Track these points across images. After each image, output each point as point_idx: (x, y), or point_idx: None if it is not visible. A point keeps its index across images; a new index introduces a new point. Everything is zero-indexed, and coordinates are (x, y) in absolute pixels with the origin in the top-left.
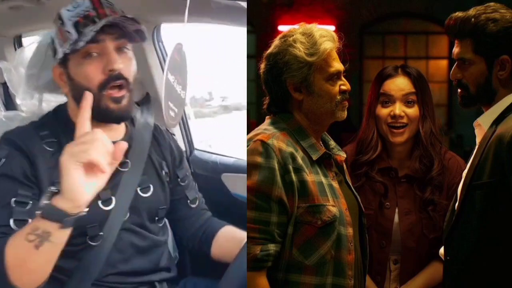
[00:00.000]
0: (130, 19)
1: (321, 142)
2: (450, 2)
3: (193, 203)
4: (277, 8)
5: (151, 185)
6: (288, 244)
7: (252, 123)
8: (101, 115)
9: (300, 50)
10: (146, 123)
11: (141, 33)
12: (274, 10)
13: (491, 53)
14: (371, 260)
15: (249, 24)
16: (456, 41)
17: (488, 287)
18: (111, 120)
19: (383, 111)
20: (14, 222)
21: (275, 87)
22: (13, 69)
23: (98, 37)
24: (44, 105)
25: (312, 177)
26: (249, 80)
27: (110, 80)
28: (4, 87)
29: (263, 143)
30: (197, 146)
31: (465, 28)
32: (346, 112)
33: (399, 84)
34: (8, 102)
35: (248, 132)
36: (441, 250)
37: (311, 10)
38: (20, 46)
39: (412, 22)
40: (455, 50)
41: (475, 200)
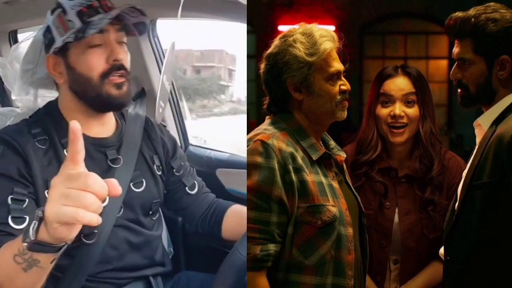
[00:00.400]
0: (137, 11)
1: (321, 142)
2: (450, 2)
3: (192, 189)
4: (277, 8)
5: (143, 180)
6: (288, 244)
7: (252, 123)
8: (102, 103)
9: (300, 50)
10: (137, 117)
11: (141, 27)
12: (274, 10)
13: (491, 53)
14: (371, 260)
15: (249, 24)
16: (456, 41)
17: (488, 287)
18: (113, 107)
19: (383, 111)
20: (11, 219)
21: (275, 87)
22: (8, 64)
23: (106, 27)
24: (40, 101)
25: (312, 177)
26: (249, 80)
27: (113, 70)
28: None
29: (263, 143)
30: (192, 142)
31: (465, 28)
32: (346, 112)
33: (399, 84)
34: (3, 98)
35: (248, 132)
36: (441, 250)
37: (311, 10)
38: (16, 41)
39: (412, 22)
40: (455, 50)
41: (475, 200)
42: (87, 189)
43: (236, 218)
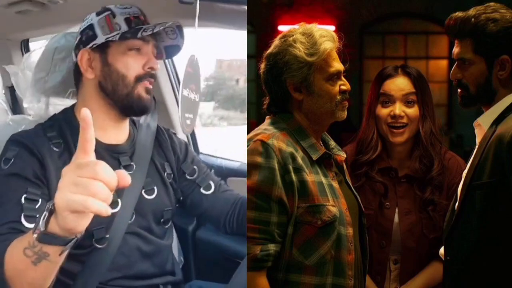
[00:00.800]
0: (178, 32)
1: (321, 142)
2: (450, 2)
3: (207, 190)
4: (277, 8)
5: (155, 187)
6: (288, 244)
7: (252, 123)
8: (130, 103)
9: (300, 50)
10: (148, 126)
11: (172, 49)
12: (274, 10)
13: (491, 53)
14: (371, 260)
15: (249, 24)
16: (456, 41)
17: (488, 287)
18: (137, 109)
19: (383, 111)
20: (24, 218)
21: (275, 87)
22: (20, 72)
23: (146, 37)
24: (51, 109)
25: (312, 177)
26: (249, 80)
27: (147, 76)
28: (11, 91)
29: (263, 143)
30: (202, 150)
31: (465, 28)
32: (346, 112)
33: (399, 84)
34: (15, 105)
35: (248, 132)
36: (441, 250)
37: (311, 10)
38: (27, 50)
39: (412, 22)
40: (455, 50)
41: (475, 200)
42: (96, 177)
43: None
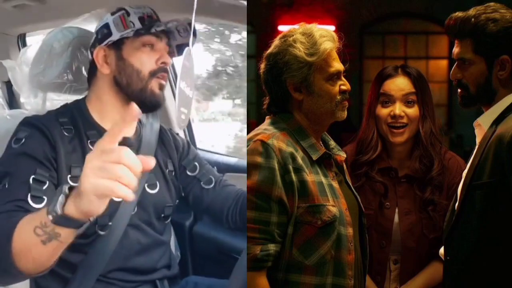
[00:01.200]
0: (189, 30)
1: (321, 142)
2: (450, 2)
3: (208, 184)
4: (277, 8)
5: (157, 183)
6: (288, 244)
7: (252, 123)
8: (144, 98)
9: (300, 50)
10: (152, 127)
11: (183, 47)
12: (274, 10)
13: (491, 53)
14: (371, 260)
15: (249, 24)
16: (456, 41)
17: (488, 287)
18: (150, 105)
19: (383, 111)
20: (31, 198)
21: (275, 87)
22: (17, 67)
23: (159, 33)
24: (48, 104)
25: (312, 177)
26: (249, 80)
27: (160, 71)
28: (8, 86)
29: (263, 143)
30: (199, 146)
31: (465, 28)
32: (346, 112)
33: (399, 84)
34: (12, 100)
35: (248, 132)
36: (441, 250)
37: (311, 10)
38: (24, 45)
39: (412, 22)
40: (455, 50)
41: (475, 200)
42: (121, 161)
43: None
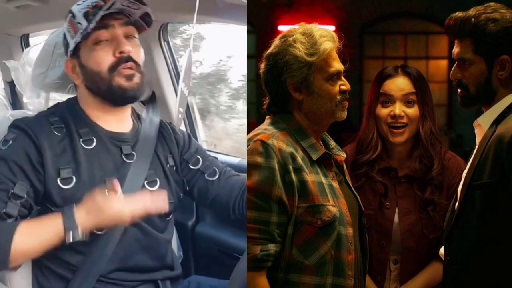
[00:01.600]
0: (136, 2)
1: (321, 142)
2: (450, 2)
3: (212, 176)
4: (277, 8)
5: (157, 179)
6: (288, 244)
7: (252, 123)
8: (115, 95)
9: (300, 50)
10: (151, 121)
11: (146, 18)
12: (274, 10)
13: (491, 53)
14: (371, 260)
15: (249, 24)
16: (456, 41)
17: (488, 287)
18: (125, 99)
19: (383, 111)
20: (4, 214)
21: (275, 87)
22: (20, 68)
23: (108, 23)
24: (51, 104)
25: (312, 177)
26: (249, 80)
27: (120, 62)
28: (11, 86)
29: (263, 143)
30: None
31: (465, 28)
32: (346, 112)
33: (399, 84)
34: (15, 100)
35: (248, 132)
36: (441, 250)
37: (311, 10)
38: (27, 45)
39: (412, 22)
40: (455, 50)
41: (475, 200)
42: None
43: None
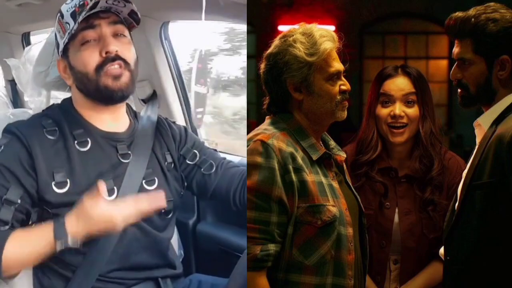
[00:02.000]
0: (121, 0)
1: (321, 142)
2: (450, 2)
3: (208, 170)
4: (277, 8)
5: (156, 178)
6: (288, 244)
7: (252, 123)
8: (103, 95)
9: (300, 50)
10: (149, 119)
11: (134, 16)
12: (274, 10)
13: (491, 53)
14: (371, 260)
15: (249, 24)
16: (456, 41)
17: (488, 287)
18: (114, 99)
19: (383, 111)
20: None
21: (275, 87)
22: (21, 66)
23: (94, 23)
24: (52, 102)
25: (312, 177)
26: (249, 80)
27: (107, 62)
28: (12, 84)
29: (263, 143)
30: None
31: (465, 28)
32: (346, 112)
33: (399, 84)
34: (16, 99)
35: (248, 132)
36: (441, 250)
37: (311, 10)
38: (28, 43)
39: (412, 22)
40: (455, 50)
41: (475, 200)
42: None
43: None
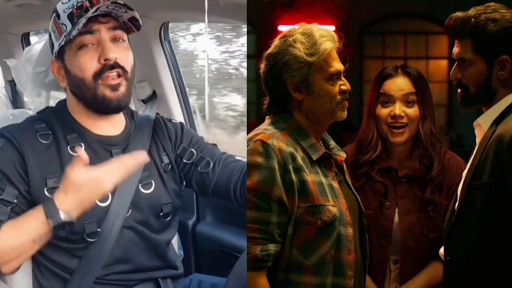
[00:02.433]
0: (122, 6)
1: (321, 142)
2: (450, 2)
3: (205, 168)
4: (277, 8)
5: (152, 181)
6: (288, 244)
7: (252, 123)
8: (99, 105)
9: (300, 50)
10: (146, 119)
11: (135, 22)
12: (274, 10)
13: (491, 53)
14: (371, 260)
15: (249, 24)
16: (456, 41)
17: (488, 287)
18: (109, 110)
19: (383, 111)
20: None
21: (275, 87)
22: (21, 66)
23: (93, 27)
24: (51, 103)
25: (312, 177)
26: (249, 80)
27: (105, 69)
28: (11, 85)
29: (263, 143)
30: None
31: (465, 28)
32: (346, 112)
33: (399, 84)
34: (16, 99)
35: (248, 132)
36: (441, 250)
37: (311, 10)
38: (28, 43)
39: (412, 22)
40: (455, 50)
41: (475, 200)
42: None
43: None
